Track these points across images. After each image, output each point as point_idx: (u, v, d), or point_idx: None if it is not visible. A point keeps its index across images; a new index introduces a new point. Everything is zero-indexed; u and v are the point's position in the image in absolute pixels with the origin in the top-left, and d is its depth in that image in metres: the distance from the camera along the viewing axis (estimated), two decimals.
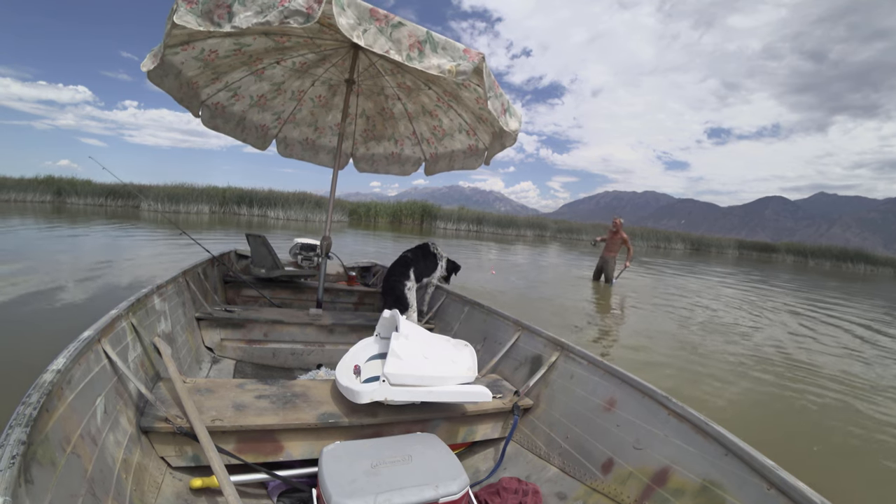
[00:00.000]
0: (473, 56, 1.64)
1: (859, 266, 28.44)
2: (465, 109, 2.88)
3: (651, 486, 1.30)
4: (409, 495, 1.14)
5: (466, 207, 32.74)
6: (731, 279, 13.07)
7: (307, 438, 1.50)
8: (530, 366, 2.04)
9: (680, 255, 24.57)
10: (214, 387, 1.61)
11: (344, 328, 2.77)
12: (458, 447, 1.79)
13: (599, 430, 1.56)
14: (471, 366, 1.68)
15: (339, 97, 3.41)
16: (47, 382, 0.99)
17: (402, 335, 1.63)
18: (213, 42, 2.33)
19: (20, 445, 0.78)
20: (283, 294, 3.54)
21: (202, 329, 2.47)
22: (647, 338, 4.83)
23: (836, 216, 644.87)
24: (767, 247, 34.09)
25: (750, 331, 5.74)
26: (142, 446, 1.28)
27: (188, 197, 22.13)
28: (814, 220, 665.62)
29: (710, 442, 1.24)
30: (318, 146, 3.85)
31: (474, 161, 3.17)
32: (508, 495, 1.43)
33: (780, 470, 1.05)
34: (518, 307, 5.71)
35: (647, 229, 33.52)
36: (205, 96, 2.84)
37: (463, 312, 2.84)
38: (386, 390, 1.49)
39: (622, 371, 1.62)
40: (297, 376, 2.30)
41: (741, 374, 3.83)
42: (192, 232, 4.16)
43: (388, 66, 2.90)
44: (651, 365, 3.90)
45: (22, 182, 21.03)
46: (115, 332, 1.46)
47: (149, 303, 1.87)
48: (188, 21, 1.46)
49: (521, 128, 2.18)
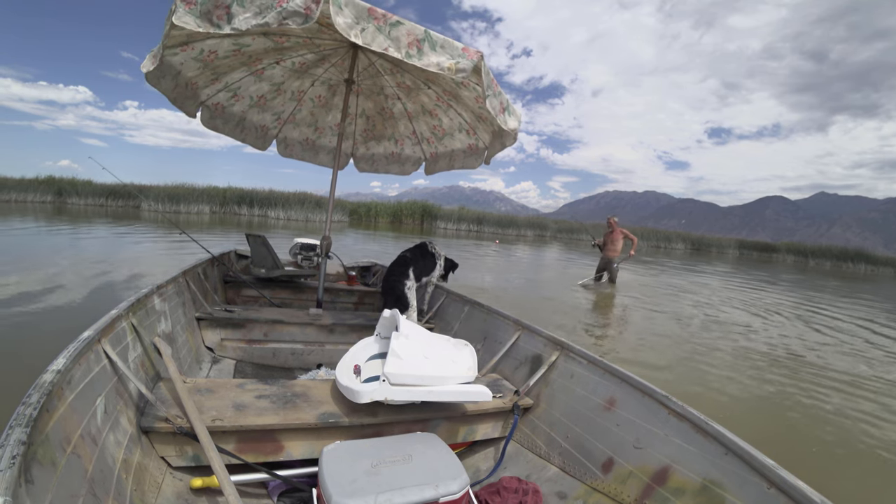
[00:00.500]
0: (472, 54, 1.64)
1: (860, 266, 28.45)
2: (465, 109, 2.87)
3: (651, 486, 1.30)
4: (410, 495, 1.14)
5: (467, 207, 32.73)
6: (733, 279, 13.06)
7: (307, 438, 1.50)
8: (530, 365, 2.04)
9: (680, 255, 24.56)
10: (214, 387, 1.61)
11: (344, 328, 2.77)
12: (459, 447, 1.79)
13: (599, 430, 1.56)
14: (471, 365, 1.67)
15: (338, 97, 3.41)
16: (47, 382, 0.99)
17: (402, 335, 1.62)
18: (212, 43, 2.32)
19: (20, 445, 0.78)
20: (283, 294, 3.54)
21: (202, 329, 2.48)
22: (650, 336, 4.82)
23: (837, 216, 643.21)
24: (768, 247, 34.10)
25: (751, 330, 5.73)
26: (142, 446, 1.28)
27: (189, 197, 22.18)
28: (814, 220, 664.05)
29: (710, 441, 1.24)
30: (318, 146, 3.85)
31: (474, 160, 3.17)
32: (509, 495, 1.43)
33: (781, 469, 1.05)
34: (519, 307, 5.71)
35: (647, 229, 33.52)
36: (204, 97, 2.84)
37: (463, 312, 2.84)
38: (386, 390, 1.49)
39: (622, 370, 1.61)
40: (297, 376, 2.30)
41: (743, 373, 3.83)
42: (192, 232, 4.16)
43: (387, 66, 2.90)
44: (653, 364, 3.89)
45: (23, 182, 21.09)
46: (115, 332, 1.46)
47: (149, 303, 1.87)
48: (187, 22, 1.45)
49: (520, 127, 2.18)
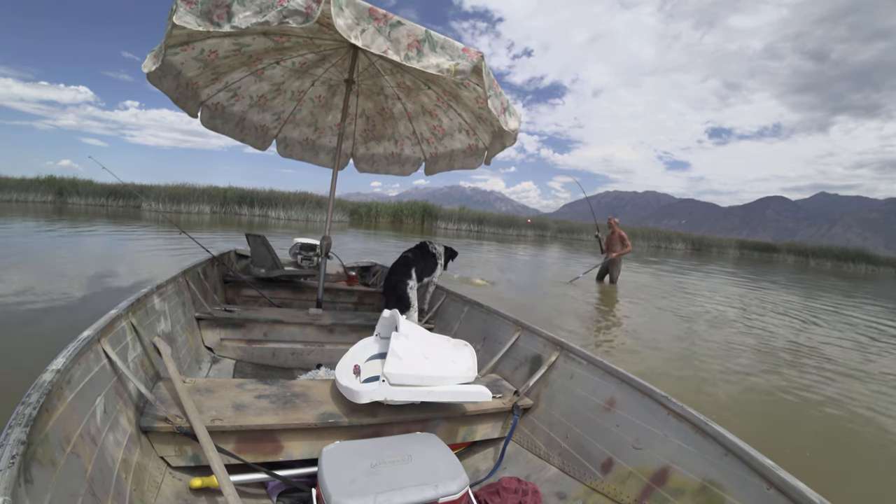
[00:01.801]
0: (472, 55, 1.64)
1: (860, 266, 28.45)
2: (465, 109, 2.87)
3: (651, 486, 1.30)
4: (409, 495, 1.14)
5: (467, 207, 32.71)
6: (733, 279, 13.05)
7: (307, 438, 1.50)
8: (530, 365, 2.04)
9: (681, 255, 24.54)
10: (214, 386, 1.61)
11: (344, 328, 2.77)
12: (458, 447, 1.79)
13: (599, 430, 1.56)
14: (471, 365, 1.67)
15: (338, 97, 3.41)
16: (47, 382, 0.99)
17: (402, 335, 1.63)
18: (213, 42, 2.33)
19: (20, 445, 0.78)
20: (283, 294, 3.54)
21: (202, 329, 2.48)
22: (654, 337, 4.82)
23: (838, 216, 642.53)
24: (768, 247, 34.11)
25: (754, 329, 5.73)
26: (141, 446, 1.28)
27: (189, 197, 22.17)
28: (815, 220, 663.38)
29: (709, 442, 1.24)
30: (318, 146, 3.85)
31: (474, 161, 3.17)
32: (508, 495, 1.43)
33: (780, 470, 1.05)
34: (520, 307, 5.70)
35: (647, 229, 33.54)
36: (204, 97, 2.84)
37: (463, 312, 2.84)
38: (386, 390, 1.49)
39: (622, 371, 1.61)
40: (296, 376, 2.30)
41: (746, 373, 3.83)
42: (192, 232, 4.16)
43: (387, 66, 2.90)
44: (656, 363, 3.89)
45: (23, 182, 21.09)
46: (114, 331, 1.46)
47: (148, 302, 1.87)
48: (188, 21, 1.46)
49: (520, 127, 2.18)
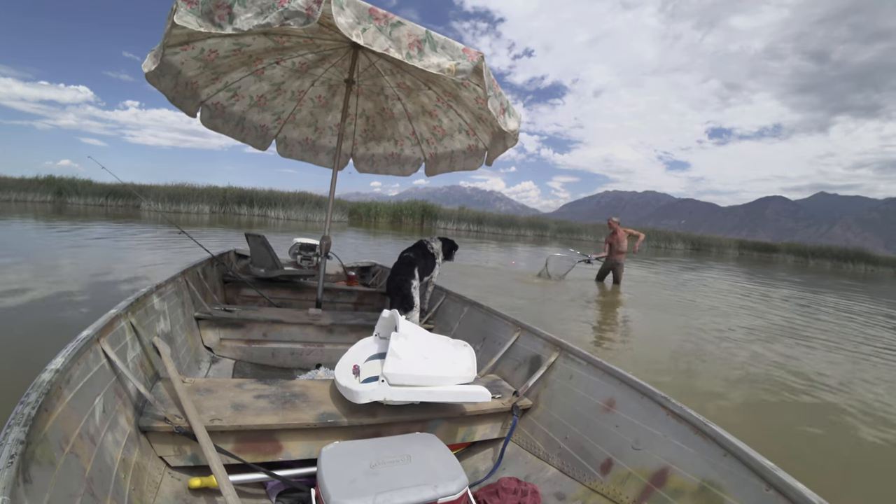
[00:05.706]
0: (473, 55, 1.64)
1: (860, 266, 28.45)
2: (465, 109, 2.87)
3: (650, 487, 1.30)
4: (409, 495, 1.14)
5: (467, 207, 32.72)
6: (735, 278, 13.05)
7: (306, 438, 1.50)
8: (529, 366, 2.04)
9: (680, 255, 24.54)
10: (213, 386, 1.61)
11: (343, 328, 2.77)
12: (458, 447, 1.79)
13: (598, 431, 1.56)
14: (470, 366, 1.67)
15: (338, 97, 3.41)
16: (46, 382, 0.99)
17: (402, 335, 1.62)
18: (213, 42, 2.33)
19: (19, 445, 0.78)
20: (283, 294, 3.54)
21: (201, 329, 2.47)
22: (656, 337, 4.82)
23: (837, 216, 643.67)
24: (768, 247, 34.13)
25: (755, 329, 5.73)
26: (140, 446, 1.28)
27: (189, 197, 22.19)
28: (814, 220, 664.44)
29: (708, 442, 1.24)
30: (318, 146, 3.85)
31: (475, 161, 3.16)
32: (507, 495, 1.43)
33: (779, 470, 1.05)
34: (520, 307, 5.70)
35: (647, 229, 33.54)
36: (204, 96, 2.84)
37: (462, 312, 2.84)
38: (385, 390, 1.48)
39: (621, 371, 1.61)
40: (296, 376, 2.30)
41: (747, 373, 3.83)
42: (191, 232, 4.15)
43: (387, 66, 2.90)
44: (658, 363, 3.89)
45: (23, 182, 21.11)
46: (114, 331, 1.46)
47: (148, 302, 1.87)
48: (188, 21, 1.45)
49: (520, 128, 2.18)
